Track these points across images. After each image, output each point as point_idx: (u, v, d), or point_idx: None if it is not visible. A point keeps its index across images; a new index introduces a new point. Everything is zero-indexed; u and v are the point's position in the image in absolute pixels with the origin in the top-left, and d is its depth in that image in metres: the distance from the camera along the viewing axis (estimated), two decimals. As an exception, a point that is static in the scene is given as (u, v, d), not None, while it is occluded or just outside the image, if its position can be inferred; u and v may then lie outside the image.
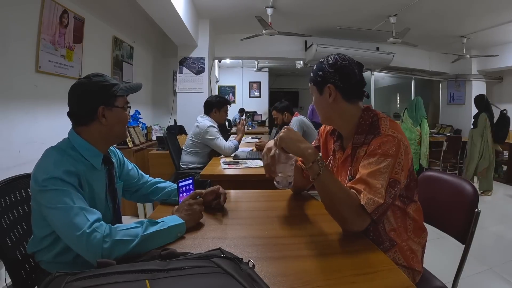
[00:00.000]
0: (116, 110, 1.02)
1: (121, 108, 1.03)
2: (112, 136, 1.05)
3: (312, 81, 1.11)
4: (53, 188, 0.85)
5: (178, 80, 4.71)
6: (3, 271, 1.07)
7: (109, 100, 1.00)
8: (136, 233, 0.83)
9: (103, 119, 0.99)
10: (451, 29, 4.97)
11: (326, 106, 1.08)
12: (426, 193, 1.30)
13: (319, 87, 1.08)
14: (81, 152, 0.98)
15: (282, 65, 8.69)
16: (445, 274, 1.20)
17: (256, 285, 0.56)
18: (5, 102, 1.98)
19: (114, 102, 1.01)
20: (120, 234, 0.81)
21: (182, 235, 0.93)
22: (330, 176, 0.93)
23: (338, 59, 1.05)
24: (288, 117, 3.50)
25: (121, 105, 1.03)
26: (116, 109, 1.02)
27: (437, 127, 6.76)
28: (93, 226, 0.81)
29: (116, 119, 1.02)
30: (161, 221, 0.91)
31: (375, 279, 0.72)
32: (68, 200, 0.84)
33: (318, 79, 1.08)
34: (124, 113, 1.05)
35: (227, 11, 4.40)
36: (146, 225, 0.86)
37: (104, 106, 0.99)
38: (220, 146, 2.71)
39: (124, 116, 1.05)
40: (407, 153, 0.95)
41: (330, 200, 0.93)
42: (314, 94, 1.12)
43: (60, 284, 0.51)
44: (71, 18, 2.60)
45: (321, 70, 1.07)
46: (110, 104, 1.00)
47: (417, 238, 1.07)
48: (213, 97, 3.01)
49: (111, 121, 1.01)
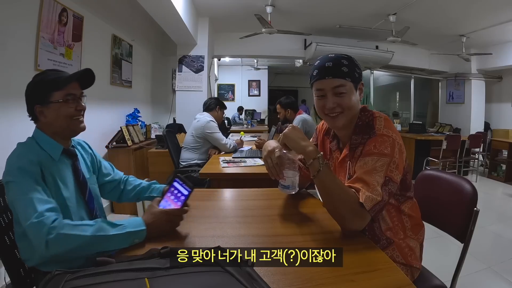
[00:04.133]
0: (53, 106, 0.99)
1: (57, 103, 0.99)
2: (59, 131, 1.03)
3: (349, 76, 0.99)
4: (11, 180, 0.88)
5: (177, 79, 4.71)
6: (2, 270, 1.07)
7: (43, 98, 0.98)
8: (85, 232, 0.80)
9: (42, 117, 1.00)
10: (450, 28, 4.97)
11: (358, 105, 1.04)
12: (425, 192, 1.30)
13: (356, 83, 1.01)
14: (40, 145, 0.99)
15: (281, 64, 8.69)
16: (444, 272, 1.20)
17: (255, 283, 0.56)
18: (4, 100, 1.97)
19: (49, 98, 0.98)
20: (67, 228, 0.80)
21: (139, 241, 0.86)
22: (330, 173, 0.93)
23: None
24: (291, 114, 3.46)
25: (57, 99, 0.99)
26: (53, 105, 0.99)
27: (436, 126, 6.78)
28: (42, 216, 0.80)
29: (54, 115, 0.99)
30: (121, 224, 0.85)
31: (374, 278, 0.72)
32: (23, 191, 0.85)
33: (357, 75, 1.01)
34: (63, 107, 1.00)
35: (227, 9, 4.39)
36: (99, 226, 0.83)
37: (40, 104, 0.98)
38: (220, 140, 2.73)
39: (64, 110, 1.00)
40: (402, 152, 0.97)
41: (330, 197, 0.93)
42: (349, 92, 0.99)
43: (59, 282, 0.51)
44: (70, 17, 2.59)
45: (357, 67, 1.02)
46: (45, 102, 0.98)
47: (415, 235, 1.07)
48: (214, 98, 3.13)
49: (50, 117, 1.00)
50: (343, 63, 0.99)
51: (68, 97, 1.01)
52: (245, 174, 2.00)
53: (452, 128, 6.48)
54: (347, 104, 1.00)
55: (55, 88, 0.99)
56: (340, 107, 1.00)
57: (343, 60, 1.00)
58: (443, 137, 4.92)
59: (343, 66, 0.98)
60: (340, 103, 1.00)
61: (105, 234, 0.82)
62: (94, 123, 2.88)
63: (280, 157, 1.05)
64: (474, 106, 6.47)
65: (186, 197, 0.94)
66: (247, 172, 2.02)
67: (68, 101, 1.01)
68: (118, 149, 3.39)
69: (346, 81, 0.98)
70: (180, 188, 0.96)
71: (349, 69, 0.98)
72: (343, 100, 0.99)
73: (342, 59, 1.00)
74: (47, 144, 1.00)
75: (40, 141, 1.00)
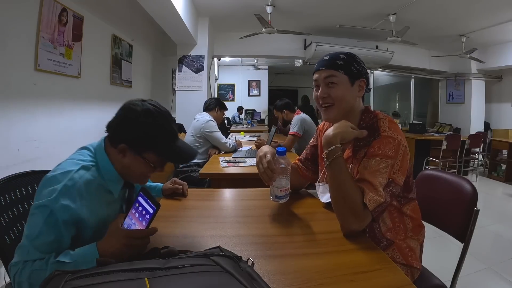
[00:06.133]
0: (138, 159, 0.89)
1: (145, 162, 0.90)
2: (125, 177, 0.94)
3: (343, 69, 1.02)
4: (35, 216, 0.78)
5: (177, 79, 4.71)
6: (2, 270, 1.07)
7: (138, 147, 0.88)
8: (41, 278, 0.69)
9: (121, 154, 0.89)
10: (450, 28, 4.97)
11: (352, 99, 1.05)
12: (425, 191, 1.31)
13: (353, 77, 1.04)
14: (102, 171, 0.89)
15: (281, 64, 8.68)
16: (444, 272, 1.20)
17: (255, 283, 0.56)
18: (4, 100, 1.97)
19: (143, 153, 0.88)
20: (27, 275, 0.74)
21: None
22: (344, 163, 0.94)
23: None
24: (287, 114, 3.47)
25: (149, 160, 0.89)
26: (140, 158, 0.89)
27: (436, 126, 6.78)
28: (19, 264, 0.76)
29: (133, 166, 0.90)
30: (73, 260, 0.75)
31: (374, 278, 0.72)
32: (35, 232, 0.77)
33: (354, 70, 1.04)
34: (147, 168, 0.91)
35: (227, 9, 4.39)
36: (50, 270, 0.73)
37: (128, 146, 0.88)
38: (220, 139, 2.74)
39: (144, 170, 0.92)
40: (406, 153, 0.97)
41: (338, 186, 0.93)
42: (341, 84, 1.03)
43: (59, 282, 0.51)
44: (70, 17, 2.59)
45: (357, 63, 1.05)
46: (137, 150, 0.88)
47: (416, 235, 1.07)
48: (215, 98, 3.13)
49: (127, 163, 0.90)
50: (340, 57, 1.04)
51: (157, 169, 0.93)
52: (245, 174, 2.00)
53: (452, 128, 6.48)
54: (336, 95, 1.03)
55: (158, 153, 0.90)
56: (330, 98, 1.04)
57: (341, 55, 1.05)
58: (443, 137, 4.92)
59: (339, 59, 1.03)
60: (330, 93, 1.03)
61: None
62: (94, 123, 2.89)
63: (271, 162, 1.04)
64: (474, 106, 6.48)
65: (151, 216, 0.79)
66: (247, 172, 2.02)
67: (152, 168, 0.92)
68: (118, 149, 3.38)
69: (339, 72, 1.02)
70: (145, 205, 0.82)
71: (344, 62, 1.03)
72: (333, 91, 1.03)
73: (342, 54, 1.05)
74: (109, 175, 0.90)
75: (103, 168, 0.90)
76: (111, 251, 0.76)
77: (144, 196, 0.82)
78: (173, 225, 1.02)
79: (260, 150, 1.11)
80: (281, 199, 1.09)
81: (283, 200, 1.10)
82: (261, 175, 1.07)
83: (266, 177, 1.06)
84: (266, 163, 1.04)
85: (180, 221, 1.07)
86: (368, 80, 1.08)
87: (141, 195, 0.83)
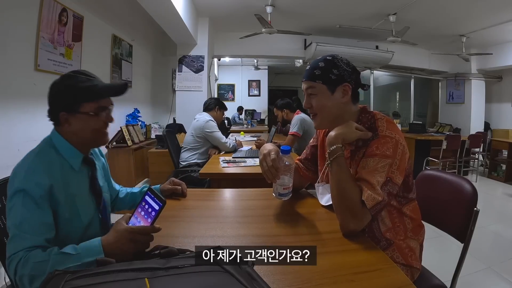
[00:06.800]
0: (81, 117, 0.91)
1: (87, 115, 0.91)
2: (83, 142, 0.96)
3: (320, 79, 1.03)
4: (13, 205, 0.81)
5: (177, 79, 4.71)
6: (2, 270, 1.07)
7: (72, 106, 0.90)
8: (43, 269, 0.73)
9: (66, 124, 0.92)
10: (450, 28, 4.97)
11: (334, 107, 1.04)
12: (425, 191, 1.30)
13: (331, 85, 1.03)
14: (60, 152, 0.93)
15: (281, 64, 8.68)
16: (444, 272, 1.20)
17: (255, 283, 0.56)
18: (4, 101, 1.97)
19: (78, 108, 0.91)
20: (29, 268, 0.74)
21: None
22: (345, 163, 0.96)
23: (348, 60, 1.07)
24: (288, 114, 3.47)
25: (87, 111, 0.91)
26: (82, 116, 0.91)
27: (436, 126, 6.78)
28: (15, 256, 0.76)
29: (81, 126, 0.92)
30: (77, 253, 0.76)
31: (374, 278, 0.72)
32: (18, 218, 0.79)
33: (332, 77, 1.02)
34: (93, 120, 0.93)
35: (227, 9, 4.40)
36: (54, 261, 0.74)
37: (66, 112, 0.90)
38: (220, 139, 2.74)
39: (92, 123, 0.93)
40: (404, 153, 0.97)
41: (338, 185, 0.94)
42: (320, 94, 1.04)
43: (59, 282, 0.51)
44: (70, 17, 2.59)
45: (336, 68, 1.03)
46: (72, 110, 0.91)
47: (416, 235, 1.07)
48: (215, 98, 3.14)
49: (75, 127, 0.92)
50: (318, 66, 1.04)
51: (100, 111, 0.94)
52: (245, 174, 2.00)
53: (452, 128, 6.48)
54: (316, 105, 1.06)
55: (88, 98, 0.92)
56: (313, 108, 1.07)
57: (320, 62, 1.05)
58: (443, 137, 4.92)
59: (317, 69, 1.04)
60: (312, 103, 1.07)
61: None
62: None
63: (275, 160, 1.04)
64: (474, 106, 6.47)
65: (156, 212, 0.80)
66: (247, 172, 2.02)
67: (99, 115, 0.94)
68: (118, 149, 3.39)
69: (316, 83, 1.04)
70: (151, 202, 0.83)
71: (322, 71, 1.03)
72: (314, 101, 1.06)
73: (321, 61, 1.05)
74: (67, 152, 0.93)
75: (60, 147, 0.93)
76: (115, 245, 0.77)
77: (151, 195, 0.84)
78: (173, 225, 1.02)
79: (264, 148, 1.11)
80: (283, 197, 1.10)
81: (285, 198, 1.11)
82: (265, 173, 1.07)
83: (270, 175, 1.06)
84: (271, 161, 1.04)
85: (180, 221, 1.07)
86: (356, 81, 1.06)
87: (148, 194, 0.85)
